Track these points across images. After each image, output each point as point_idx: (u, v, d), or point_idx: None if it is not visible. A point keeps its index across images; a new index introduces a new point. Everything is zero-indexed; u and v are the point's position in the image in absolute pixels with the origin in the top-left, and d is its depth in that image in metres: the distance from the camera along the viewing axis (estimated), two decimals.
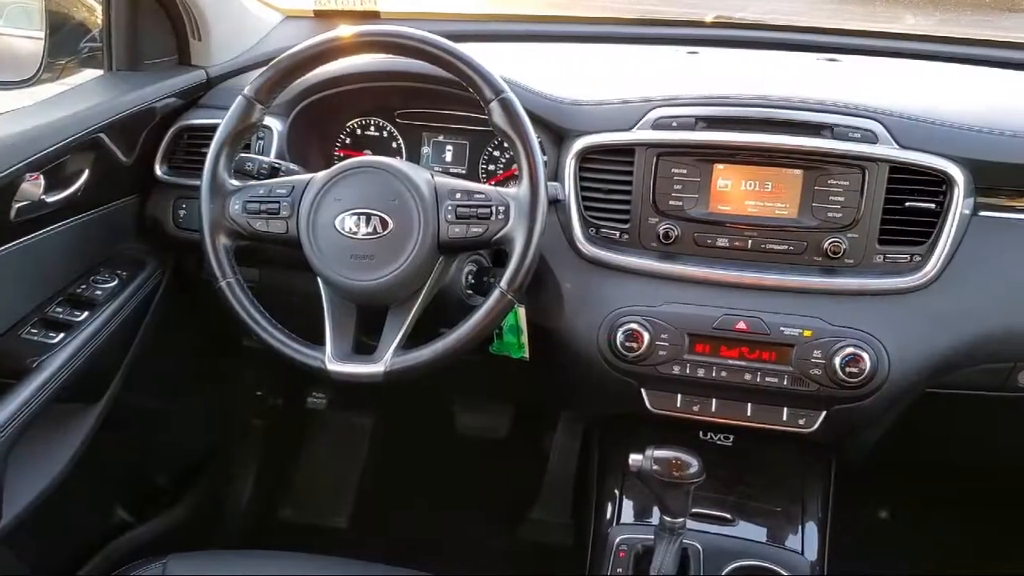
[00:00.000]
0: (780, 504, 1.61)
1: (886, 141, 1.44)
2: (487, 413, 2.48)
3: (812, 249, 1.47)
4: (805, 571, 1.49)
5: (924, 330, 1.44)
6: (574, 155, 1.53)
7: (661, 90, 1.57)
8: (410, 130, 1.77)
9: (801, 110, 1.49)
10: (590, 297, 1.54)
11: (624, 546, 1.51)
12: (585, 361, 1.53)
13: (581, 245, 1.54)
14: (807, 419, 1.50)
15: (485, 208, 1.35)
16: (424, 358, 1.36)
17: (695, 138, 1.49)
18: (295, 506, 2.50)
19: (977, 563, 2.19)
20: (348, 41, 1.42)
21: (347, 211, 1.37)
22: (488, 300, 1.35)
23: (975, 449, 1.84)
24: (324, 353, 1.39)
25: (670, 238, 1.51)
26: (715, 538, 1.52)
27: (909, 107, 1.50)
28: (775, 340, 1.45)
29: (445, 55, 1.38)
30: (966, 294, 1.44)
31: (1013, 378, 1.50)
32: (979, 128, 1.48)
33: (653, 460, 1.32)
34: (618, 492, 1.65)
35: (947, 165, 1.43)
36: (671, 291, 1.51)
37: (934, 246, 1.44)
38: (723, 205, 1.50)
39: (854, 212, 1.45)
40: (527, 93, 1.57)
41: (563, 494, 2.37)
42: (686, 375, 1.48)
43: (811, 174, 1.46)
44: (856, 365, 1.41)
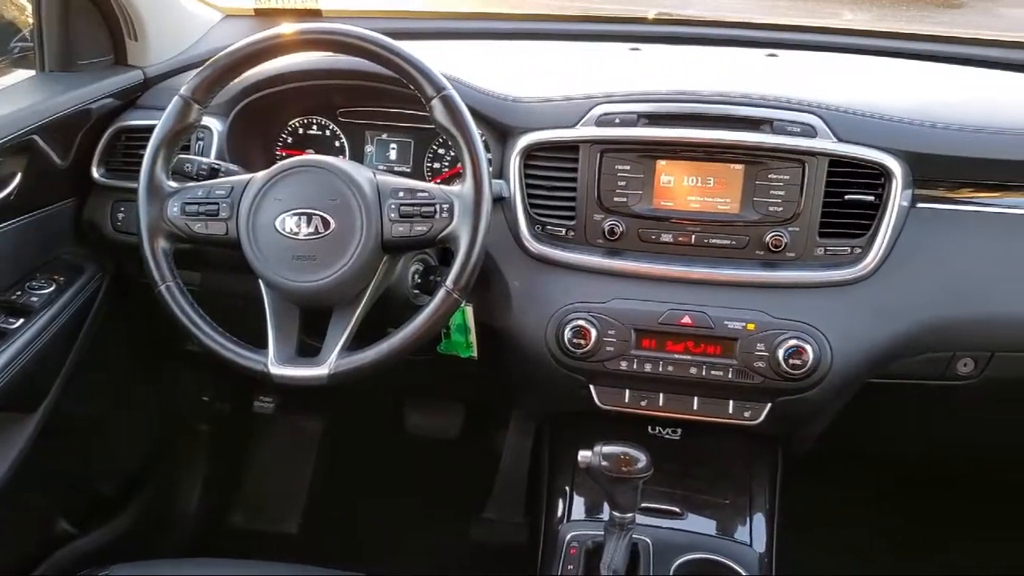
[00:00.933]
0: (728, 496, 1.63)
1: (825, 135, 1.46)
2: (438, 413, 2.47)
3: (754, 243, 1.49)
4: (753, 563, 1.50)
5: (865, 321, 1.46)
6: (518, 152, 1.53)
7: (604, 87, 1.57)
8: (353, 129, 1.75)
9: (741, 105, 1.50)
10: (537, 294, 1.54)
11: (575, 543, 1.51)
12: (534, 359, 1.53)
13: (527, 242, 1.54)
14: (752, 411, 1.51)
15: (429, 206, 1.34)
16: (369, 360, 1.35)
17: (637, 134, 1.49)
18: (244, 512, 2.46)
19: (924, 551, 2.23)
20: (287, 39, 1.40)
21: (288, 211, 1.35)
22: (434, 300, 1.34)
23: (918, 437, 1.87)
24: (266, 356, 1.37)
25: (615, 234, 1.51)
26: (664, 532, 1.53)
27: (847, 101, 1.52)
28: (719, 334, 1.46)
29: (385, 52, 1.36)
30: (906, 285, 1.47)
31: (953, 367, 1.53)
32: (917, 121, 1.51)
33: (602, 456, 1.33)
34: (569, 489, 1.65)
35: (885, 158, 1.45)
36: (617, 287, 1.51)
37: (873, 238, 1.46)
38: (666, 201, 1.51)
39: (795, 206, 1.46)
40: (470, 90, 1.56)
41: (516, 493, 2.37)
42: (633, 370, 1.49)
43: (752, 169, 1.48)
44: (799, 357, 1.42)
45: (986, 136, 1.50)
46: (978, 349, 1.51)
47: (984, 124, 1.52)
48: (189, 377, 2.26)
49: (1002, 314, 1.49)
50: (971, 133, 1.50)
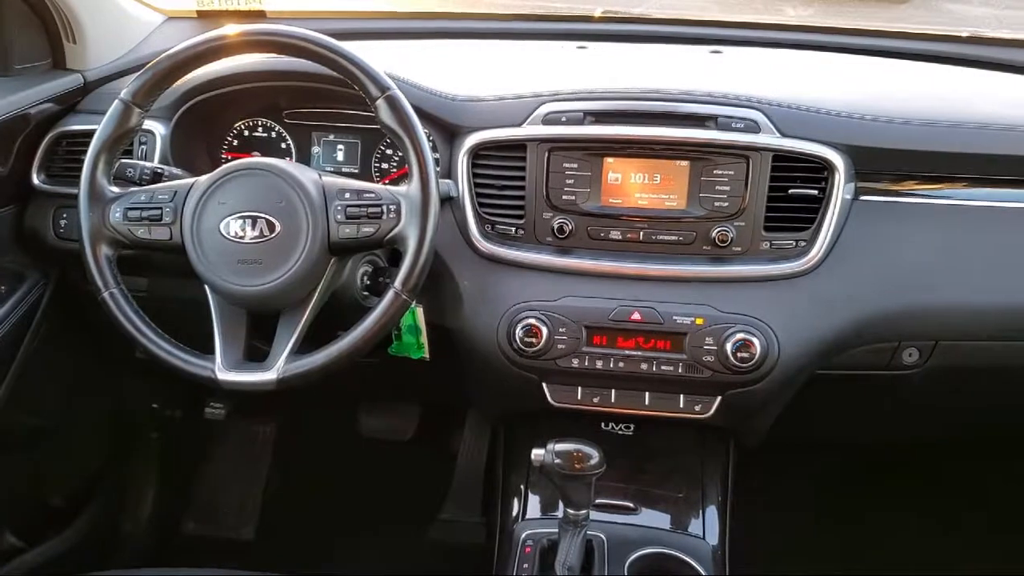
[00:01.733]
0: (681, 490, 1.64)
1: (768, 130, 1.48)
2: (392, 415, 2.46)
3: (701, 238, 1.50)
4: (707, 555, 1.52)
5: (811, 313, 1.48)
6: (466, 151, 1.53)
7: (551, 85, 1.58)
8: (299, 130, 1.74)
9: (685, 102, 1.51)
10: (488, 294, 1.54)
11: (530, 541, 1.52)
12: (486, 358, 1.53)
13: (477, 242, 1.54)
14: (703, 405, 1.53)
15: (376, 207, 1.33)
16: (318, 363, 1.34)
17: (584, 132, 1.50)
18: (198, 520, 2.43)
19: (875, 539, 2.27)
20: (228, 41, 1.38)
21: (232, 215, 1.34)
22: (383, 301, 1.34)
23: (866, 427, 1.90)
24: (214, 362, 1.36)
25: (564, 232, 1.51)
26: (619, 528, 1.54)
27: (790, 96, 1.54)
28: (668, 329, 1.47)
29: (328, 53, 1.35)
30: (850, 277, 1.49)
31: (898, 357, 1.56)
32: (858, 115, 1.53)
33: (555, 454, 1.34)
34: (523, 488, 1.66)
35: (827, 152, 1.47)
36: (568, 285, 1.52)
37: (818, 231, 1.48)
38: (614, 198, 1.52)
39: (740, 201, 1.48)
40: (416, 90, 1.56)
41: (473, 493, 2.37)
42: (585, 367, 1.50)
43: (697, 165, 1.49)
44: (747, 350, 1.44)
45: (926, 129, 1.53)
46: (922, 339, 1.54)
47: (925, 117, 1.55)
48: (138, 385, 2.22)
49: (945, 303, 1.52)
50: (911, 126, 1.53)
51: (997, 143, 1.54)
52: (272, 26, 1.41)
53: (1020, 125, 1.57)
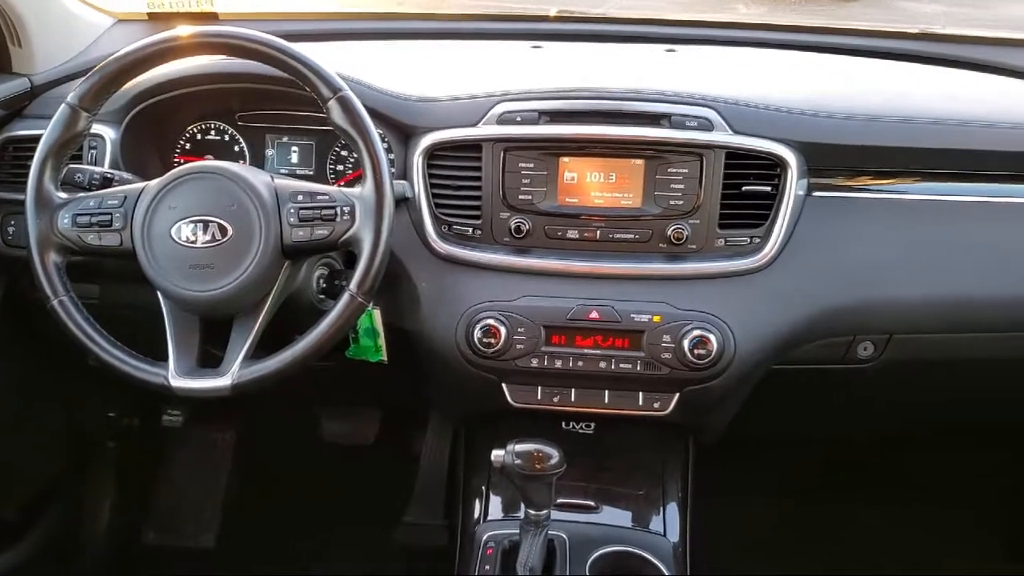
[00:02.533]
0: (642, 487, 1.65)
1: (721, 128, 1.49)
2: (353, 419, 2.44)
3: (657, 236, 1.51)
4: (667, 552, 1.52)
5: (766, 309, 1.50)
6: (421, 152, 1.52)
7: (505, 85, 1.57)
8: (253, 133, 1.72)
9: (639, 101, 1.52)
10: (446, 295, 1.53)
11: (491, 543, 1.51)
12: (444, 360, 1.53)
13: (434, 243, 1.53)
14: (662, 402, 1.53)
15: (329, 209, 1.32)
16: (273, 368, 1.32)
17: (539, 132, 1.50)
18: (159, 529, 2.40)
19: (834, 532, 2.29)
20: (176, 43, 1.36)
21: (183, 219, 1.32)
22: (338, 304, 1.33)
23: (825, 421, 1.92)
24: (167, 369, 1.34)
25: (522, 232, 1.51)
26: (580, 526, 1.54)
27: (743, 94, 1.55)
28: (626, 327, 1.48)
29: (279, 55, 1.34)
30: (804, 272, 1.51)
31: (853, 350, 1.58)
32: (810, 112, 1.55)
33: (515, 454, 1.34)
34: (485, 489, 1.65)
35: (780, 148, 1.48)
36: (526, 285, 1.52)
37: (771, 228, 1.49)
38: (571, 197, 1.52)
39: (694, 199, 1.49)
40: (370, 91, 1.55)
41: (436, 495, 2.36)
42: (544, 367, 1.50)
43: (652, 163, 1.49)
44: (704, 347, 1.45)
45: (876, 124, 1.55)
46: (876, 332, 1.56)
47: (875, 113, 1.57)
48: (93, 393, 2.19)
49: (898, 297, 1.54)
50: (861, 122, 1.55)
51: (946, 137, 1.56)
52: (221, 28, 1.40)
53: (968, 119, 1.59)
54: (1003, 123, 1.60)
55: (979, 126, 1.58)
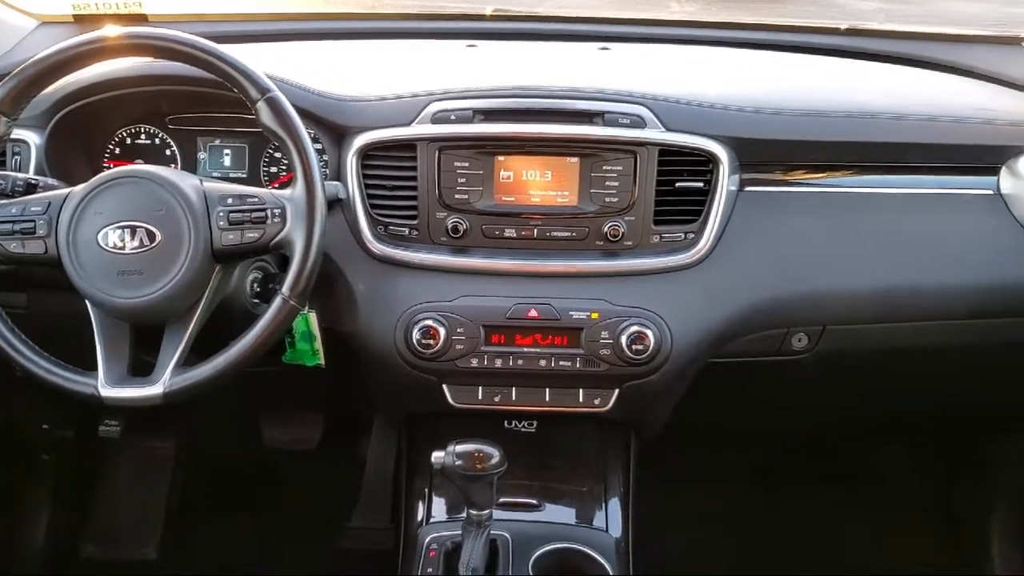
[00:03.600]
0: (585, 484, 1.65)
1: (654, 125, 1.50)
2: (296, 424, 2.42)
3: (594, 234, 1.51)
4: (610, 548, 1.53)
5: (701, 304, 1.51)
6: (355, 152, 1.51)
7: (439, 84, 1.57)
8: (184, 136, 1.68)
9: (572, 99, 1.52)
10: (383, 296, 1.52)
11: (434, 545, 1.50)
12: (383, 362, 1.52)
13: (370, 244, 1.52)
14: (602, 398, 1.54)
15: (260, 212, 1.31)
16: (205, 375, 1.30)
17: (474, 131, 1.49)
18: (97, 541, 2.34)
19: (776, 521, 2.32)
20: (97, 45, 1.34)
21: (110, 225, 1.30)
22: (270, 308, 1.31)
23: (763, 412, 1.94)
24: (96, 378, 1.31)
25: (459, 231, 1.51)
26: (523, 525, 1.54)
27: (674, 91, 1.56)
28: (565, 325, 1.48)
29: (205, 56, 1.32)
30: (737, 267, 1.52)
31: (788, 342, 1.61)
32: (741, 107, 1.56)
33: (455, 455, 1.33)
34: (427, 491, 1.64)
35: (711, 145, 1.50)
36: (464, 284, 1.51)
37: (705, 223, 1.51)
38: (507, 196, 1.52)
39: (629, 196, 1.49)
40: (301, 91, 1.53)
41: (382, 499, 2.34)
42: (484, 367, 1.49)
43: (587, 161, 1.50)
44: (641, 342, 1.46)
45: (803, 119, 1.57)
46: (810, 324, 1.59)
47: (803, 108, 1.59)
48: (24, 405, 2.13)
49: (831, 289, 1.56)
50: (789, 117, 1.57)
51: (872, 131, 1.59)
52: (146, 29, 1.38)
53: (895, 113, 1.62)
54: (933, 116, 1.64)
55: (907, 119, 1.61)
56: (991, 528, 2.20)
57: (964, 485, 2.33)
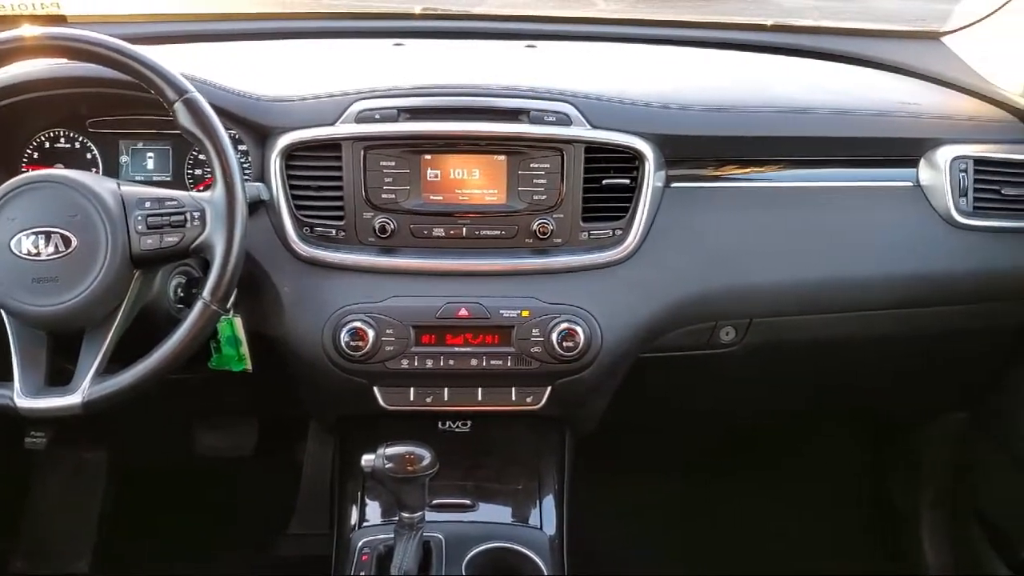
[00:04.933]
0: (520, 483, 1.65)
1: (579, 122, 1.50)
2: (230, 430, 2.37)
3: (523, 232, 1.51)
4: (544, 545, 1.52)
5: (630, 300, 1.52)
6: (278, 153, 1.49)
7: (364, 83, 1.55)
8: (105, 139, 1.64)
9: (498, 97, 1.52)
10: (311, 299, 1.50)
11: (367, 549, 1.49)
12: (312, 365, 1.50)
13: (296, 246, 1.50)
14: (534, 396, 1.54)
15: (178, 215, 1.29)
16: (126, 383, 1.27)
17: (398, 129, 1.48)
18: (27, 557, 2.28)
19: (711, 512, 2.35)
20: (12, 46, 1.33)
21: (24, 231, 1.26)
22: (191, 313, 1.29)
23: (695, 405, 1.96)
24: (12, 389, 1.28)
25: (387, 231, 1.49)
26: (457, 526, 1.53)
27: (600, 89, 1.56)
28: (496, 323, 1.48)
29: (120, 57, 1.29)
30: (664, 262, 1.54)
31: (716, 336, 1.63)
32: (666, 105, 1.58)
33: (385, 458, 1.32)
34: (360, 495, 1.62)
35: (636, 141, 1.50)
36: (393, 285, 1.50)
37: (632, 220, 1.52)
38: (435, 195, 1.51)
39: (557, 193, 1.50)
40: (222, 92, 1.51)
41: (320, 504, 2.31)
42: (415, 367, 1.48)
43: (514, 159, 1.50)
44: (572, 339, 1.46)
45: (730, 115, 1.59)
46: (737, 317, 1.61)
47: (726, 104, 1.61)
48: None
49: (757, 282, 1.59)
50: (712, 113, 1.59)
51: (793, 126, 1.61)
52: (59, 29, 1.34)
53: (817, 107, 1.65)
54: (853, 110, 1.67)
55: (828, 114, 1.64)
56: (920, 513, 2.25)
57: (893, 471, 2.38)
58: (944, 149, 1.64)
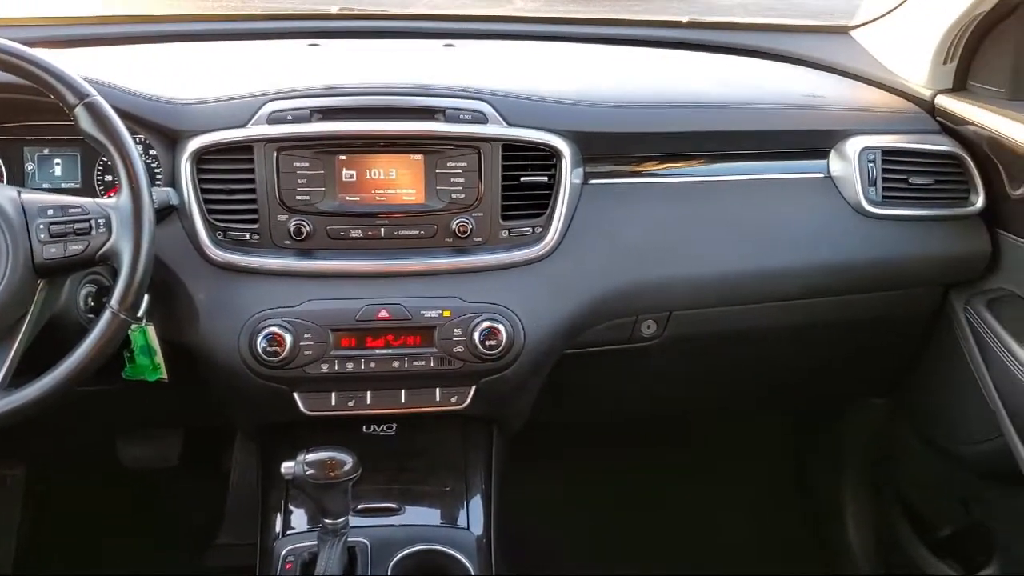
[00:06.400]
0: (447, 484, 1.63)
1: (495, 120, 1.50)
2: (154, 441, 2.31)
3: (443, 231, 1.50)
4: (471, 546, 1.52)
5: (551, 296, 1.52)
6: (189, 157, 1.45)
7: (277, 84, 1.53)
8: (9, 147, 1.58)
9: (413, 96, 1.51)
10: (226, 305, 1.47)
11: (291, 557, 1.47)
12: (230, 373, 1.47)
13: (210, 251, 1.46)
14: (459, 396, 1.53)
15: (83, 223, 1.24)
16: (31, 397, 1.23)
17: (311, 130, 1.46)
18: None
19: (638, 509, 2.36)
20: None
21: None
22: (99, 323, 1.25)
23: (621, 399, 1.97)
24: None
25: (302, 234, 1.47)
26: (383, 530, 1.51)
27: (516, 87, 1.56)
28: (417, 324, 1.47)
29: (15, 60, 1.25)
30: (584, 259, 1.54)
31: (638, 329, 1.64)
32: (582, 102, 1.58)
33: (306, 464, 1.30)
34: (283, 503, 1.60)
35: (553, 139, 1.51)
36: (311, 288, 1.48)
37: (551, 217, 1.52)
38: (351, 196, 1.49)
39: (475, 192, 1.49)
40: (128, 95, 1.47)
41: (249, 513, 2.26)
42: (336, 372, 1.46)
43: (431, 158, 1.49)
44: (494, 337, 1.46)
45: (643, 111, 1.61)
46: (658, 311, 1.62)
47: (644, 100, 1.63)
48: None
49: (676, 276, 1.60)
50: (630, 110, 1.60)
51: (706, 120, 1.64)
52: None
53: (730, 102, 1.67)
54: (765, 104, 1.70)
55: (739, 108, 1.67)
56: (844, 498, 2.30)
57: (817, 458, 2.43)
58: (853, 140, 1.67)
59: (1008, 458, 1.61)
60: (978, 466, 1.88)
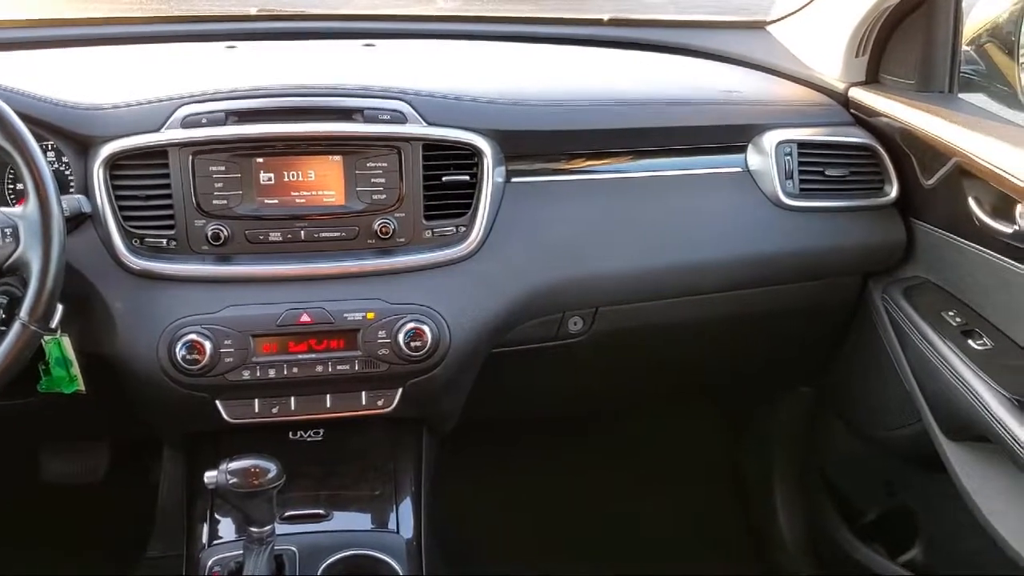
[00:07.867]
0: (377, 487, 1.62)
1: (415, 120, 1.49)
2: (78, 455, 2.26)
3: (365, 233, 1.49)
4: (400, 549, 1.51)
5: (476, 296, 1.52)
6: (101, 163, 1.42)
7: (191, 87, 1.50)
8: None
9: (331, 96, 1.49)
10: (144, 313, 1.44)
11: (217, 567, 1.44)
12: (149, 382, 1.44)
13: (126, 259, 1.43)
14: (385, 399, 1.52)
15: None
16: None
17: (227, 133, 1.43)
18: None
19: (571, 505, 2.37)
20: None
21: None
22: (8, 335, 1.21)
23: (551, 396, 1.98)
24: None
25: (220, 239, 1.45)
26: (310, 536, 1.50)
27: (435, 86, 1.56)
28: (340, 327, 1.45)
29: None
30: (509, 257, 1.54)
31: (564, 326, 1.64)
32: (503, 100, 1.58)
33: (228, 473, 1.28)
34: (209, 513, 1.57)
35: (473, 138, 1.51)
36: (231, 294, 1.45)
37: (474, 216, 1.52)
38: (270, 199, 1.47)
39: (396, 192, 1.48)
40: (36, 101, 1.43)
41: (177, 524, 2.22)
42: (258, 378, 1.44)
43: (350, 159, 1.47)
44: (419, 339, 1.45)
45: (563, 109, 1.62)
46: (583, 307, 1.63)
47: (562, 99, 1.63)
48: None
49: (600, 272, 1.61)
50: (549, 108, 1.60)
51: (624, 118, 1.65)
52: None
53: (650, 99, 1.69)
54: (682, 100, 1.73)
55: (657, 104, 1.70)
56: (773, 486, 2.34)
57: (747, 448, 2.47)
58: (770, 134, 1.70)
59: (927, 443, 1.65)
60: (899, 451, 1.93)
